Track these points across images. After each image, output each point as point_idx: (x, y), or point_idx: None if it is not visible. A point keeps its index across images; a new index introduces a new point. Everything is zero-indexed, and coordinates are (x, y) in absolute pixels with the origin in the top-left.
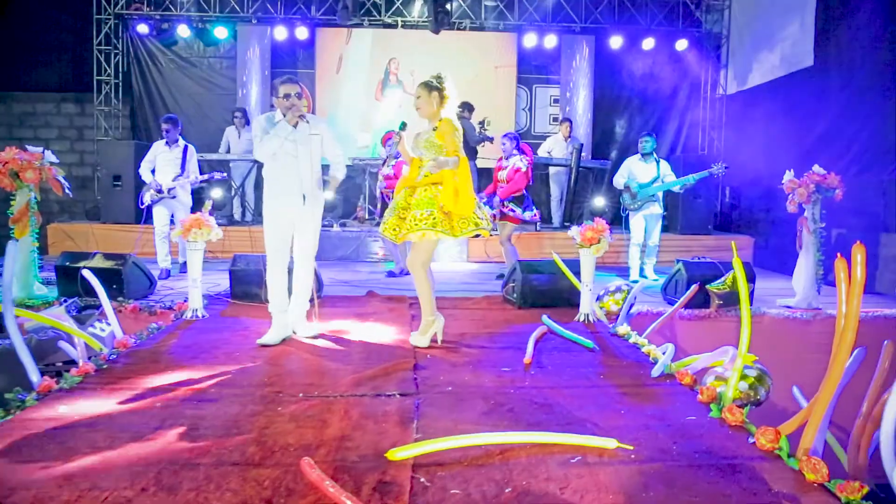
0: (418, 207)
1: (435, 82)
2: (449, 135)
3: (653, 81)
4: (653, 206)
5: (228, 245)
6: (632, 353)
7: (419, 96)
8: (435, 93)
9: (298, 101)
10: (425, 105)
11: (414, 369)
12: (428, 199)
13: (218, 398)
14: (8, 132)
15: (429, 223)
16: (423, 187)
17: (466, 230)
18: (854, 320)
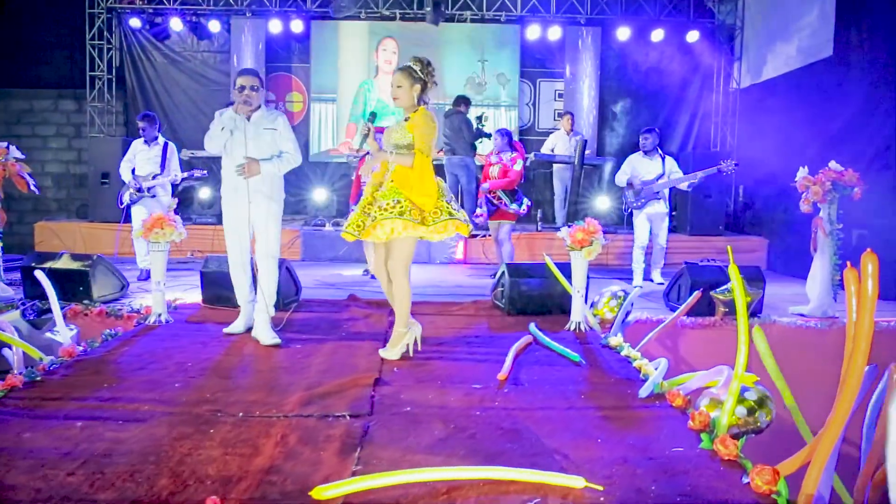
0: (384, 198)
1: (419, 72)
2: (420, 128)
3: (662, 75)
4: (657, 204)
5: (217, 244)
6: (622, 368)
7: (399, 85)
8: (418, 85)
9: (254, 93)
10: (404, 96)
11: (374, 385)
12: (394, 188)
13: (147, 418)
14: (6, 130)
15: (395, 212)
16: (390, 179)
17: (439, 220)
18: (865, 342)
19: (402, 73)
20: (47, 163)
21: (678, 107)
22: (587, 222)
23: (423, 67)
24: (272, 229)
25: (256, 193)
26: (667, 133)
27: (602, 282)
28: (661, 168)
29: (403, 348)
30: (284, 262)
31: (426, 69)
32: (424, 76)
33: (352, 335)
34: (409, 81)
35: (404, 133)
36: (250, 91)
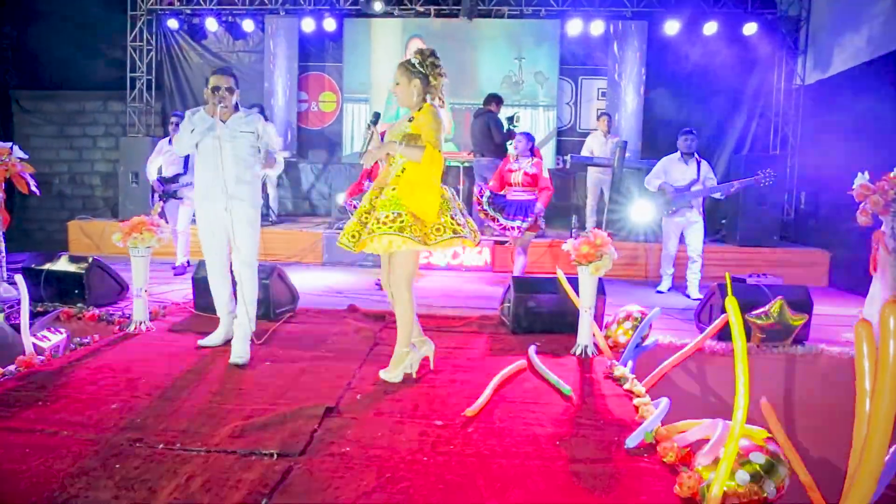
0: (383, 208)
1: (419, 66)
2: (427, 125)
3: (715, 71)
4: (690, 211)
5: None
6: (618, 406)
7: (397, 82)
8: (417, 80)
9: (228, 94)
10: (403, 93)
11: (323, 416)
12: (395, 198)
13: (57, 447)
14: (59, 130)
15: (395, 227)
16: (391, 186)
17: (442, 238)
18: (886, 422)
19: (400, 69)
20: (96, 162)
21: (733, 106)
22: (594, 234)
23: (422, 60)
24: (250, 236)
25: (234, 199)
26: (720, 135)
27: (633, 294)
28: (696, 174)
29: (407, 369)
30: (276, 269)
31: (426, 61)
32: (425, 69)
33: (332, 352)
34: (408, 77)
35: (408, 130)
36: (224, 92)
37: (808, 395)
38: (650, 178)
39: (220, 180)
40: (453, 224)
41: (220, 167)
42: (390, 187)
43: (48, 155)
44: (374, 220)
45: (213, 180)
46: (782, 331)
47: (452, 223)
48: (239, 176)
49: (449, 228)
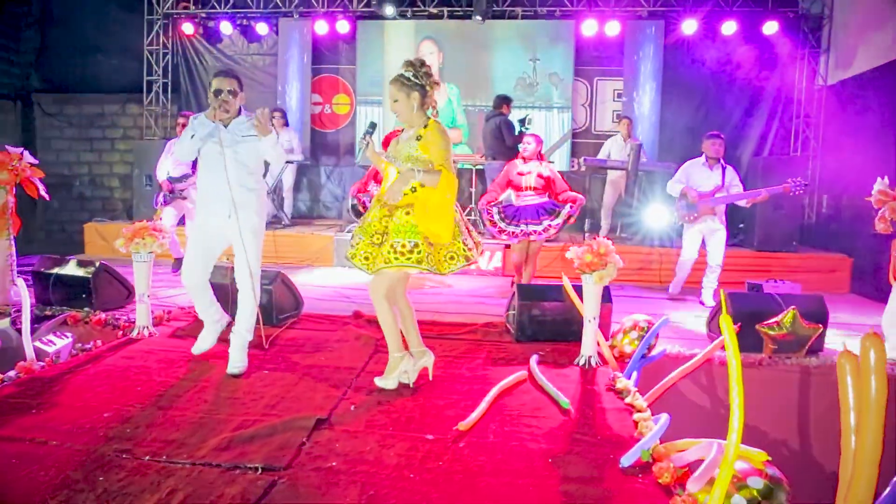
0: (398, 235)
1: (413, 77)
2: (436, 145)
3: (734, 72)
4: (712, 219)
5: None
6: (618, 421)
7: (395, 99)
8: (416, 94)
9: (231, 98)
10: (404, 109)
11: (313, 428)
12: (410, 225)
13: (45, 456)
14: (80, 132)
15: (413, 258)
16: (403, 208)
17: (454, 267)
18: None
19: (396, 85)
20: (115, 164)
21: (752, 107)
22: (597, 242)
23: (416, 71)
24: (253, 246)
25: (238, 207)
26: (738, 137)
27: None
28: (721, 179)
29: (403, 377)
30: (280, 275)
31: (420, 72)
32: (421, 80)
33: (332, 360)
34: (406, 92)
35: (419, 155)
36: (227, 95)
37: (822, 408)
38: (672, 183)
39: (223, 187)
40: (464, 250)
41: (222, 173)
42: (403, 210)
43: (69, 157)
44: (389, 248)
45: (215, 187)
46: (795, 341)
47: (464, 249)
48: (242, 182)
49: (462, 256)
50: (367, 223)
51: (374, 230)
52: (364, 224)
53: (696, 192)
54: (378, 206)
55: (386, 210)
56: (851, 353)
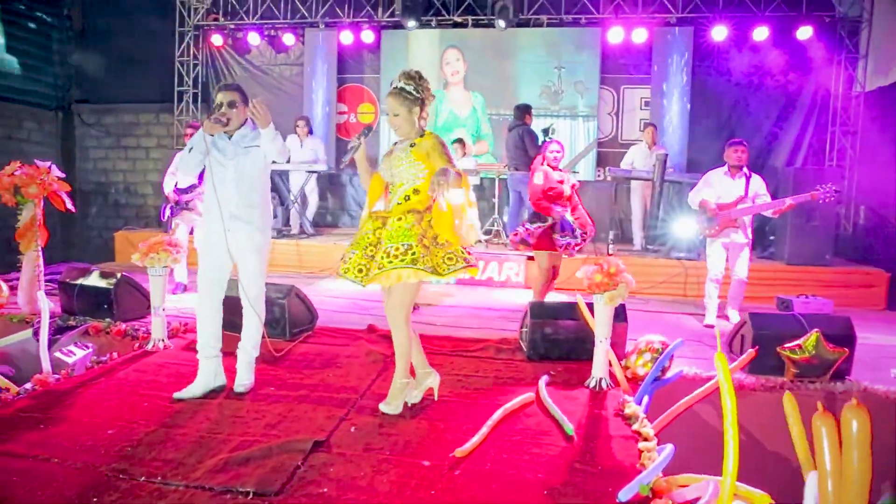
0: (391, 241)
1: (415, 91)
2: (437, 151)
3: (765, 79)
4: (735, 232)
5: (274, 258)
6: (622, 449)
7: (396, 113)
8: (416, 107)
9: (232, 111)
10: (405, 123)
11: (310, 450)
12: (403, 230)
13: (45, 474)
14: (116, 141)
15: (407, 260)
16: (396, 217)
17: (454, 268)
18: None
19: (396, 99)
20: (148, 172)
21: (785, 115)
22: (607, 262)
23: (416, 84)
24: (255, 264)
25: (238, 221)
26: (770, 146)
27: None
28: (744, 189)
29: (408, 399)
30: (293, 289)
31: (421, 85)
32: (421, 93)
33: (339, 377)
34: (407, 105)
35: (411, 161)
36: (227, 108)
37: None
38: (693, 193)
39: (224, 200)
40: (463, 252)
41: (224, 186)
42: (395, 218)
43: (105, 165)
44: (383, 254)
45: (217, 200)
46: (819, 366)
47: (462, 252)
48: (244, 196)
49: (460, 257)
50: (361, 237)
51: (367, 242)
52: (357, 239)
53: (715, 203)
54: (371, 220)
55: (379, 222)
56: (828, 414)
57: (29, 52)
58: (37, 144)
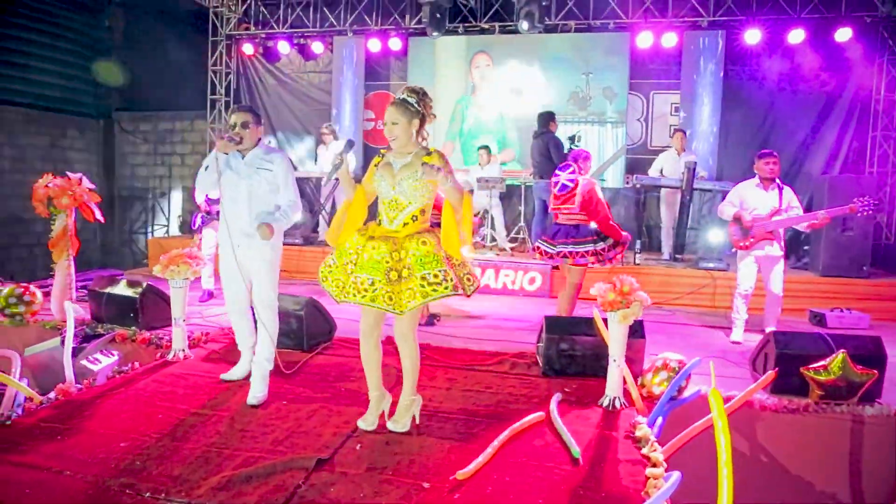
0: (424, 268)
1: (415, 104)
2: (446, 168)
3: (800, 83)
4: (770, 245)
5: (303, 265)
6: (629, 475)
7: (394, 122)
8: (416, 120)
9: (245, 131)
10: (402, 134)
11: (312, 470)
12: (433, 255)
13: (56, 488)
14: (154, 148)
15: (449, 287)
16: (411, 238)
17: (472, 287)
18: None
19: (397, 108)
20: (184, 178)
21: (821, 120)
22: (621, 280)
23: (419, 98)
24: (266, 276)
25: (250, 238)
26: (806, 153)
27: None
28: (777, 201)
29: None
30: (311, 301)
31: (423, 100)
32: (422, 108)
33: (351, 391)
34: (407, 116)
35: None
36: (241, 129)
37: (876, 465)
38: (724, 206)
39: (237, 218)
40: (470, 268)
41: (238, 203)
42: (419, 241)
43: (143, 171)
44: (420, 281)
45: (231, 217)
46: (845, 388)
47: (469, 267)
48: (257, 213)
49: (475, 276)
50: (373, 260)
51: (386, 267)
52: (367, 262)
53: (751, 215)
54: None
55: (391, 244)
56: None
57: (72, 62)
58: (79, 152)
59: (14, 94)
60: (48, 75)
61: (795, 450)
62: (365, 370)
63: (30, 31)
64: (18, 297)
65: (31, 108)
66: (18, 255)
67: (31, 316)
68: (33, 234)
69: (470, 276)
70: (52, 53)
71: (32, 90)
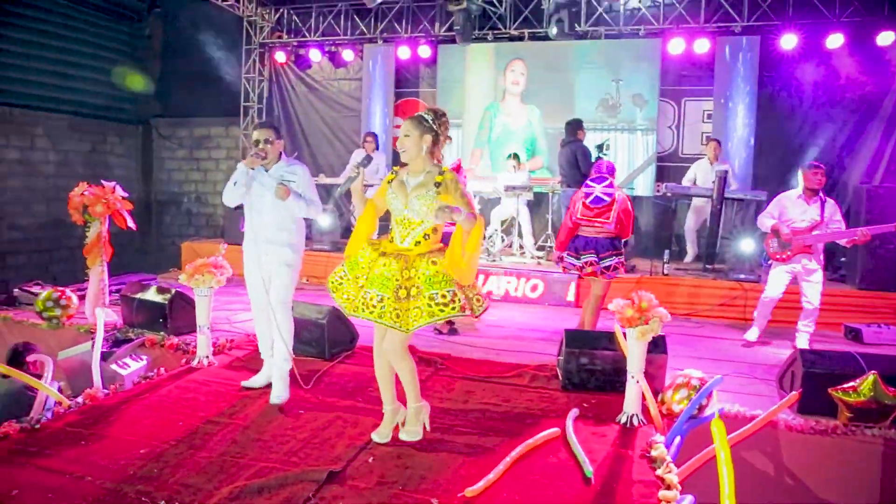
0: (433, 287)
1: (430, 121)
2: (458, 192)
3: (839, 88)
4: (807, 259)
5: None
6: (641, 497)
7: (406, 134)
8: (428, 136)
9: (268, 146)
10: (412, 146)
11: (323, 482)
12: (442, 275)
13: (75, 494)
14: (190, 153)
15: (457, 307)
16: (422, 257)
17: (482, 307)
18: None
19: (412, 121)
20: (218, 183)
21: (861, 128)
22: (639, 297)
23: (435, 118)
24: (284, 276)
25: (272, 244)
26: (845, 161)
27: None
28: (819, 214)
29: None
30: (333, 310)
31: (439, 120)
32: (436, 127)
33: (368, 401)
34: (419, 131)
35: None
36: (264, 144)
37: None
38: (763, 217)
39: (262, 227)
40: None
41: (263, 214)
42: (428, 260)
43: (179, 176)
44: (428, 300)
45: (256, 226)
46: (877, 410)
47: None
48: (280, 223)
49: (483, 297)
50: (381, 276)
51: (395, 285)
52: (378, 277)
53: (790, 228)
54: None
55: (402, 262)
56: None
57: (113, 71)
58: (119, 157)
59: (59, 103)
60: (90, 83)
61: (822, 473)
62: (379, 384)
63: (75, 41)
64: (55, 301)
65: (74, 115)
66: (62, 258)
67: (66, 319)
68: (75, 237)
69: (479, 296)
70: (94, 62)
71: (76, 98)
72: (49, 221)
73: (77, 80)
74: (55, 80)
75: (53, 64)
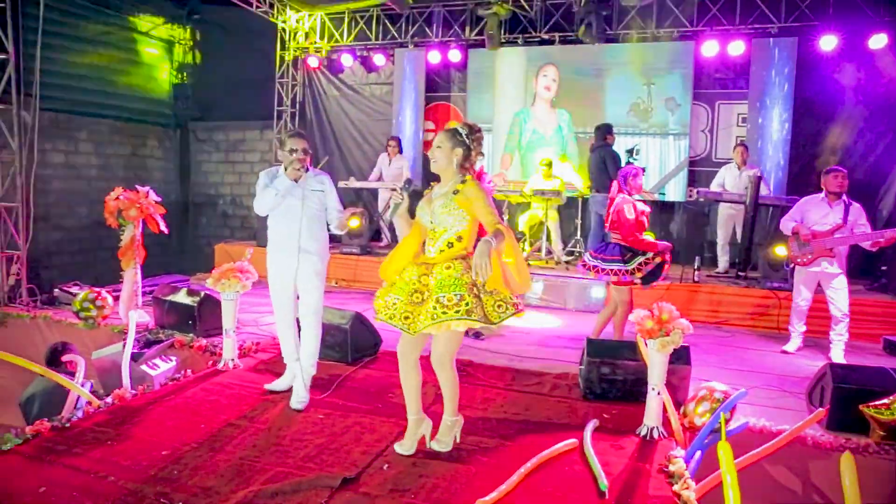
0: (441, 290)
1: (464, 135)
2: (480, 202)
3: (881, 93)
4: (828, 263)
5: (359, 274)
6: None
7: (439, 145)
8: (459, 150)
9: (304, 156)
10: (443, 158)
11: (337, 488)
12: (453, 278)
13: (99, 493)
14: (225, 156)
15: (461, 311)
16: (443, 264)
17: (505, 315)
18: None
19: (446, 134)
20: (252, 185)
21: None
22: (659, 308)
23: (469, 132)
24: (316, 287)
25: (305, 253)
26: (883, 168)
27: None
28: (842, 217)
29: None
30: (357, 315)
31: (473, 135)
32: (469, 141)
33: (388, 407)
34: (451, 143)
35: (454, 208)
36: (303, 154)
37: None
38: (785, 220)
39: (295, 236)
40: (511, 297)
41: (296, 223)
42: (442, 265)
43: (215, 179)
44: (434, 303)
45: (287, 235)
46: None
47: (510, 297)
48: (312, 233)
49: (510, 303)
50: (402, 282)
51: (412, 289)
52: (398, 283)
53: (810, 230)
54: (416, 266)
55: (423, 268)
56: None
57: (153, 76)
58: (158, 160)
59: (102, 108)
60: (132, 89)
61: None
62: (405, 393)
63: (116, 48)
64: (92, 301)
65: (116, 119)
66: (103, 258)
67: (102, 319)
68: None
69: (502, 303)
70: (134, 69)
71: (117, 103)
72: (91, 223)
73: (119, 86)
74: (98, 86)
75: (96, 70)
